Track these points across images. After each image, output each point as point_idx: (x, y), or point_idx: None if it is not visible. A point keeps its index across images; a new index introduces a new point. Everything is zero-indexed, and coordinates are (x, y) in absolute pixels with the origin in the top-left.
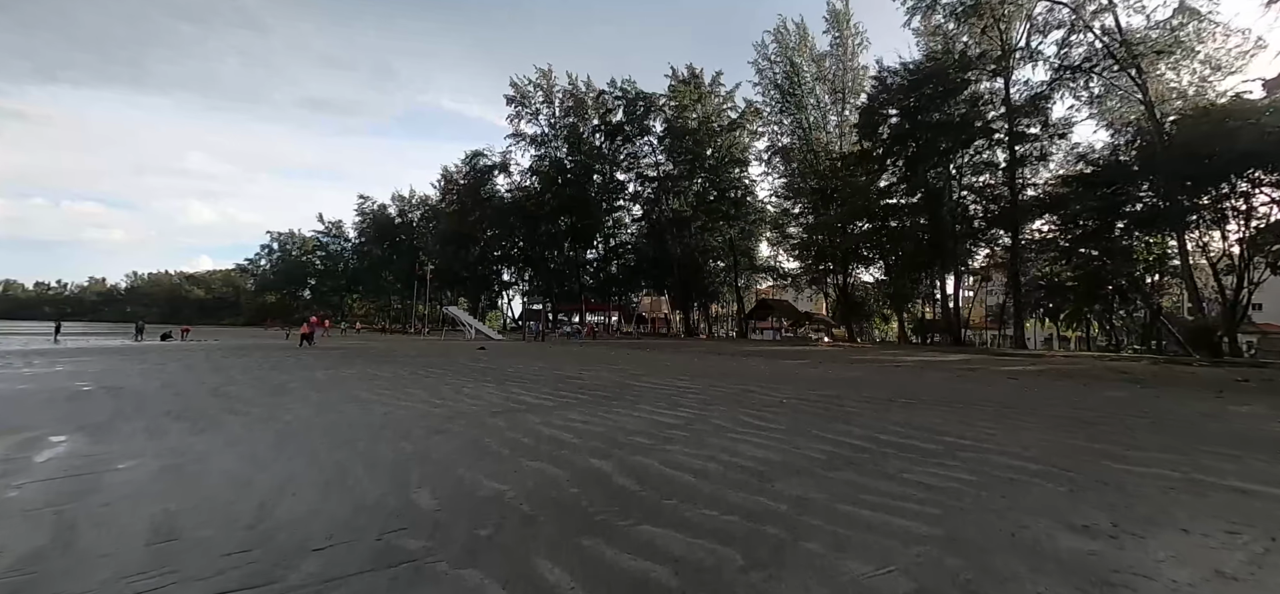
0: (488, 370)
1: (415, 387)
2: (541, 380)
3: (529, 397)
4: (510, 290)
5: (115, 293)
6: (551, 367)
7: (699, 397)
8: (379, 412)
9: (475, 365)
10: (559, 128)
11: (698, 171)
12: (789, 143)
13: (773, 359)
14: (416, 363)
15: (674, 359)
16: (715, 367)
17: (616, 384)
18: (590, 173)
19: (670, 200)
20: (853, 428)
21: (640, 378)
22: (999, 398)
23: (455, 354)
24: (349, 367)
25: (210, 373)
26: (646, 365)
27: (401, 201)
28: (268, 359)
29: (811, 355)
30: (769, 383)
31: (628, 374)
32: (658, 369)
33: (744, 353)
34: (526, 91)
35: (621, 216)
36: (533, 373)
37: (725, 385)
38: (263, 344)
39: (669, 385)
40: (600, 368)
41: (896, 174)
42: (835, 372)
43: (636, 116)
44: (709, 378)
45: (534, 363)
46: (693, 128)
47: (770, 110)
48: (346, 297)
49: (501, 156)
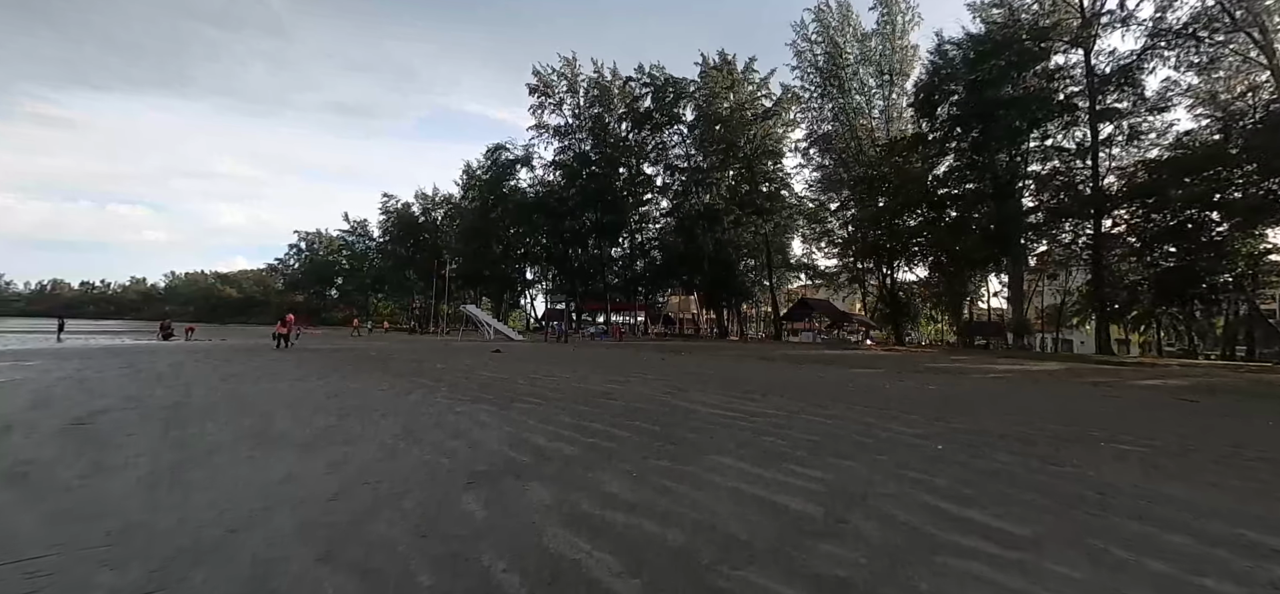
0: (492, 383)
1: (376, 416)
2: (561, 401)
3: (539, 436)
4: (533, 289)
5: (154, 292)
6: (576, 377)
7: (796, 433)
8: (275, 475)
9: (480, 375)
10: (583, 118)
11: (731, 163)
12: (830, 130)
13: (832, 366)
14: (406, 371)
15: (720, 366)
16: (776, 378)
17: (665, 408)
18: (616, 165)
19: (701, 194)
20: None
21: (693, 396)
22: (1245, 437)
23: (463, 358)
24: (314, 377)
25: (128, 382)
26: (692, 375)
27: (424, 200)
28: (232, 366)
29: (872, 362)
30: (867, 405)
31: (675, 389)
32: (708, 381)
33: (792, 358)
34: (550, 81)
35: (649, 211)
36: (551, 387)
37: (813, 409)
38: (261, 346)
39: (738, 410)
40: (636, 378)
41: (958, 158)
42: (933, 388)
43: (666, 104)
44: (783, 396)
45: (554, 371)
46: (725, 115)
47: (809, 96)
48: (371, 296)
49: (524, 150)
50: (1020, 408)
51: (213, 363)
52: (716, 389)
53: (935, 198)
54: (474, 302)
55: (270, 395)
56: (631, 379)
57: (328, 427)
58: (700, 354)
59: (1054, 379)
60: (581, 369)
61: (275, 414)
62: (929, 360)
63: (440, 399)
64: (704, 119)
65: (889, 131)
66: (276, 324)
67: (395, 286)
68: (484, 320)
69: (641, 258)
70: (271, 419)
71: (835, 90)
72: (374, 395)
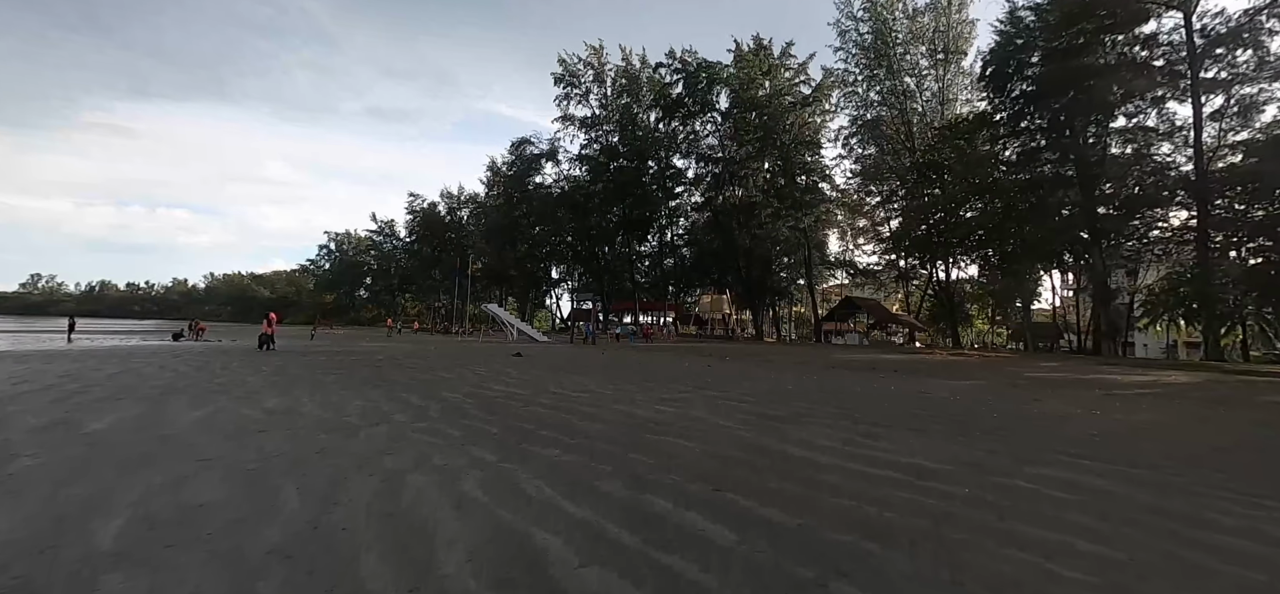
0: (503, 404)
1: (271, 483)
2: (598, 441)
3: (565, 542)
4: (558, 288)
5: (195, 292)
6: (613, 392)
7: (1079, 537)
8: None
9: (491, 389)
10: (611, 109)
11: (768, 152)
12: (877, 115)
13: (916, 376)
14: (397, 385)
15: (780, 376)
16: (865, 397)
17: (770, 463)
18: (645, 157)
19: (735, 186)
20: None
21: (792, 434)
22: None
23: (477, 364)
24: (266, 392)
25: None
26: (766, 393)
27: (450, 199)
28: (187, 376)
29: (957, 371)
30: (1088, 454)
31: (760, 419)
32: (789, 400)
33: (854, 365)
34: (576, 70)
35: (679, 206)
36: (582, 410)
37: (1010, 461)
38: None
39: (885, 464)
40: (693, 393)
41: (1032, 139)
42: (1101, 414)
43: (699, 89)
44: (916, 431)
45: (585, 382)
46: (762, 99)
47: (854, 79)
48: (398, 296)
49: (549, 143)
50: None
51: (171, 371)
52: (818, 420)
53: (1004, 184)
54: (499, 301)
55: (158, 423)
56: (687, 397)
57: (138, 528)
58: (745, 359)
59: (1242, 399)
60: (617, 379)
61: (92, 466)
62: (1013, 368)
63: (414, 438)
64: (739, 105)
65: (943, 115)
66: (263, 324)
67: (422, 286)
68: (507, 320)
69: (671, 255)
70: (87, 470)
71: (883, 72)
72: (310, 433)
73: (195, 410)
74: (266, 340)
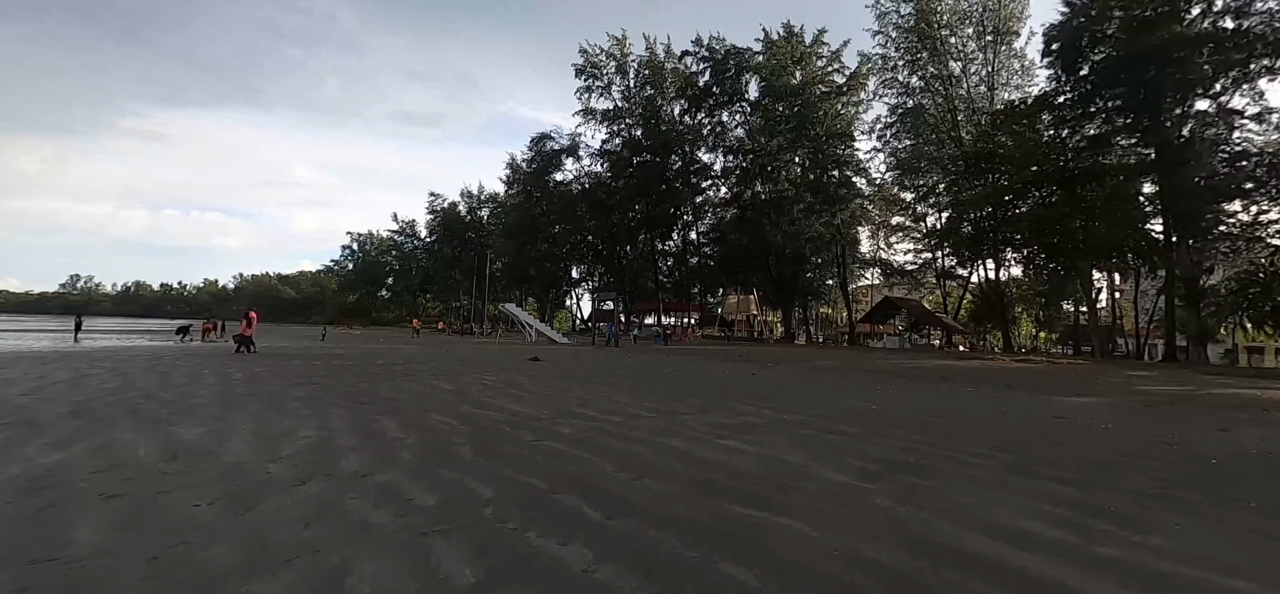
0: (507, 433)
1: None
2: (643, 501)
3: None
4: (579, 288)
5: (224, 293)
6: (656, 414)
7: None
8: None
9: (495, 409)
10: (634, 101)
11: (800, 144)
12: (920, 103)
13: (1009, 390)
14: (388, 399)
15: (853, 388)
16: (986, 418)
17: (925, 552)
18: (670, 151)
19: (766, 180)
20: None
21: (937, 486)
22: None
23: (488, 371)
24: (220, 414)
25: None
26: (851, 414)
27: (470, 199)
28: (139, 385)
29: (1036, 378)
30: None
31: (880, 464)
32: (885, 425)
33: (918, 372)
34: (597, 61)
35: (706, 201)
36: (617, 444)
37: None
38: (274, 350)
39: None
40: (758, 415)
41: (1111, 119)
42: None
43: (727, 78)
44: (1155, 501)
45: (614, 397)
46: (795, 88)
47: (894, 64)
48: (419, 296)
49: (570, 138)
50: None
51: (119, 377)
52: (977, 473)
53: (1070, 172)
54: (519, 302)
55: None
56: (753, 422)
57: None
58: (790, 364)
59: None
60: (653, 392)
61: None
62: (1114, 379)
63: (349, 511)
64: (770, 95)
65: (992, 102)
66: (242, 324)
67: (442, 286)
68: (525, 321)
69: (696, 254)
70: None
71: (926, 56)
72: (201, 489)
73: (81, 440)
74: (244, 342)
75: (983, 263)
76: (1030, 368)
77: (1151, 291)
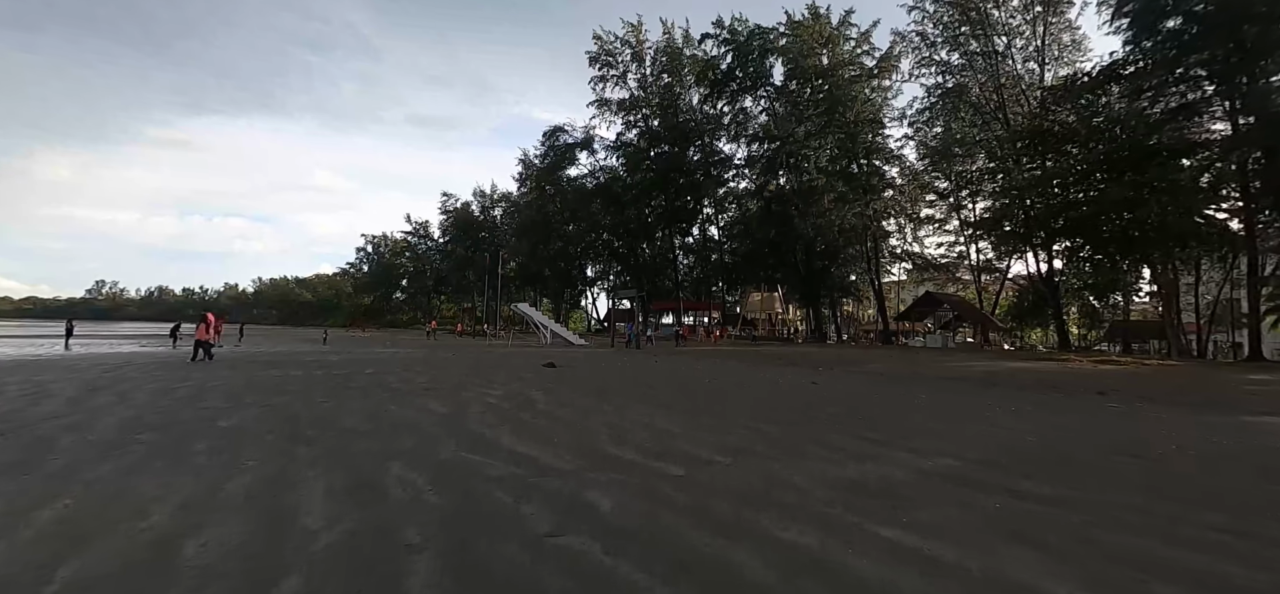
0: (498, 521)
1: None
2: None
3: None
4: (594, 287)
5: (244, 297)
6: (730, 456)
7: None
8: None
9: (499, 442)
10: (651, 90)
11: (831, 129)
12: (960, 82)
13: (1205, 411)
14: (345, 433)
15: (975, 411)
16: (1189, 454)
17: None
18: (689, 142)
19: (793, 170)
20: None
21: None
22: None
23: (495, 382)
24: (108, 452)
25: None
26: (1008, 450)
27: (482, 198)
28: (76, 403)
29: (1152, 385)
30: None
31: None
32: (1077, 477)
33: (1004, 378)
34: (612, 49)
35: (728, 193)
36: (703, 539)
37: None
38: (258, 356)
39: None
40: (885, 455)
41: (1198, 86)
42: None
43: (750, 61)
44: None
45: (657, 422)
46: (824, 68)
47: (934, 41)
48: (432, 298)
49: (584, 132)
50: None
51: (43, 391)
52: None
53: (1145, 149)
54: (533, 302)
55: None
56: (885, 480)
57: None
58: (841, 366)
59: None
60: (712, 414)
61: None
62: (1236, 383)
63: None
64: (798, 77)
65: (1042, 77)
66: (197, 327)
67: (456, 287)
68: (540, 322)
69: (717, 250)
70: None
71: (967, 30)
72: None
73: None
74: (202, 348)
75: (1034, 252)
76: (1130, 371)
77: (1212, 283)
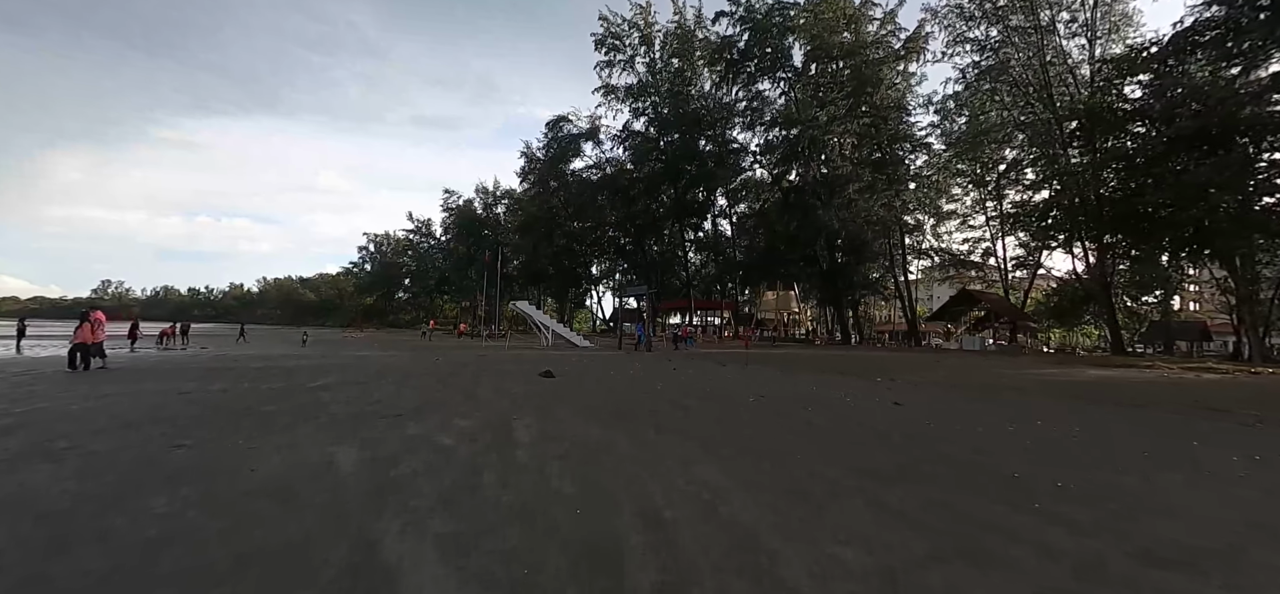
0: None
1: None
2: None
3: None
4: (600, 286)
5: (249, 296)
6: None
7: None
8: None
9: (438, 524)
10: (661, 76)
11: (856, 114)
12: (1003, 58)
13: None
14: (205, 510)
15: (1170, 456)
16: None
17: None
18: (701, 130)
19: (815, 157)
20: None
21: None
22: None
23: (475, 397)
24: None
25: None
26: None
27: (485, 195)
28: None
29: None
30: None
31: None
32: None
33: (1108, 391)
34: (619, 31)
35: (743, 185)
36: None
37: None
38: (201, 363)
39: None
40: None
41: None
42: None
43: (769, 39)
44: None
45: (707, 485)
46: (848, 46)
47: (969, 14)
48: (435, 297)
49: (589, 121)
50: None
51: None
52: None
53: (1242, 118)
54: (537, 302)
55: None
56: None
57: None
58: (897, 376)
59: None
60: (790, 461)
61: None
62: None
63: None
64: (821, 56)
65: (1093, 51)
66: (78, 327)
67: (458, 287)
68: (540, 322)
69: (732, 245)
70: None
71: (1009, 2)
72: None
73: None
74: (83, 354)
75: (1084, 246)
76: (1252, 384)
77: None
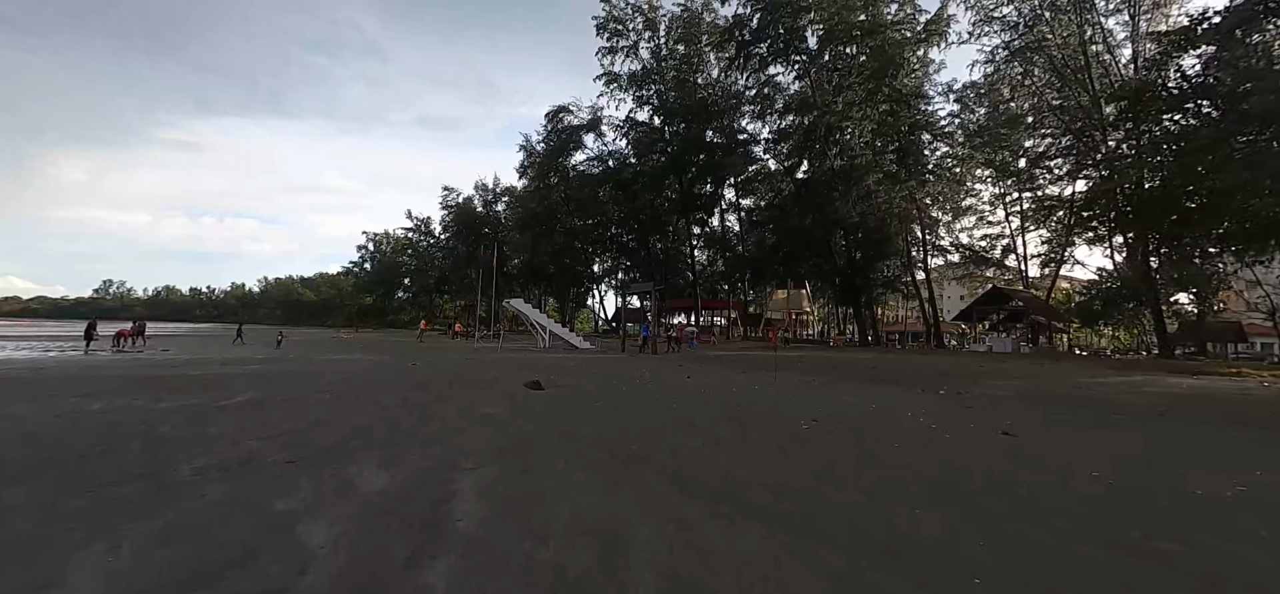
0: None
1: None
2: None
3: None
4: (602, 285)
5: (250, 296)
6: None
7: None
8: None
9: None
10: (666, 62)
11: (877, 99)
12: (1038, 37)
13: None
14: None
15: None
16: None
17: None
18: (708, 119)
19: (831, 145)
20: None
21: None
22: None
23: (427, 429)
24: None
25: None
26: None
27: (484, 191)
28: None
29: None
30: None
31: None
32: None
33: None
34: (622, 15)
35: (754, 176)
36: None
37: None
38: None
39: None
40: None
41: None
42: None
43: (782, 18)
44: None
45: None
46: (866, 26)
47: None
48: (435, 296)
49: (591, 112)
50: None
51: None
52: None
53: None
54: (538, 302)
55: None
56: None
57: None
58: (950, 385)
59: None
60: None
61: None
62: None
63: None
64: (838, 36)
65: (1134, 28)
66: None
67: (458, 286)
68: (536, 321)
69: (740, 241)
70: None
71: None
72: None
73: None
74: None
75: (1128, 240)
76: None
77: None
